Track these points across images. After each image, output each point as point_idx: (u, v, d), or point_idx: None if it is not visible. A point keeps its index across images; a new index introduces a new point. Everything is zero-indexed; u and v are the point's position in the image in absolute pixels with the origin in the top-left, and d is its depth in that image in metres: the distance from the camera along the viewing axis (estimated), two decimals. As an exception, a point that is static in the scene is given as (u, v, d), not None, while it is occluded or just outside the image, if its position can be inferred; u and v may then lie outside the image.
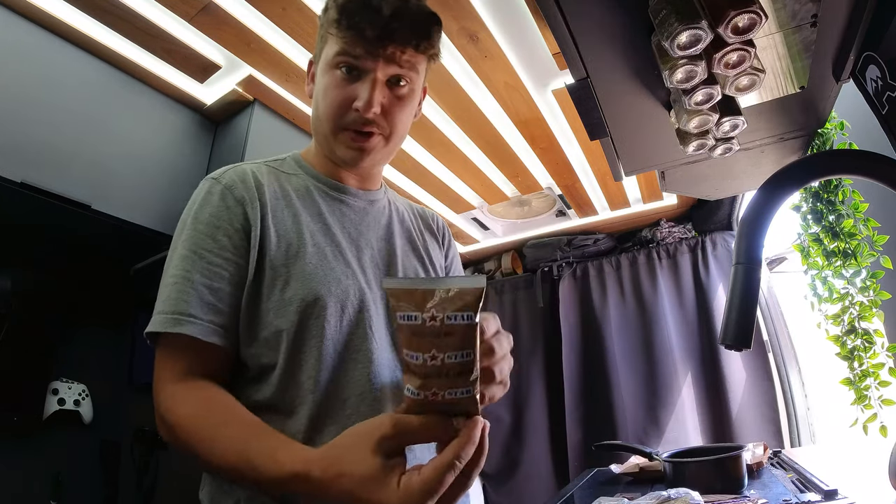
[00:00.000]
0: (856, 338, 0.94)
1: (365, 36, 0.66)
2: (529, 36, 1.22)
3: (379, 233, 0.78)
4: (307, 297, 0.64)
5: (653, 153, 1.05)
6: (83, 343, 1.56)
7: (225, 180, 0.70)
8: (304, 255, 0.67)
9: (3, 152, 1.09)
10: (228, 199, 0.67)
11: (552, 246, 2.52)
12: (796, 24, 0.71)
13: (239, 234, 0.66)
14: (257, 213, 0.67)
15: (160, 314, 0.62)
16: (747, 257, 0.60)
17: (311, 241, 0.69)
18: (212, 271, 0.63)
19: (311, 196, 0.75)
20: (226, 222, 0.66)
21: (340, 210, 0.76)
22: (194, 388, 0.60)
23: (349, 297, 0.67)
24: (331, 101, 0.70)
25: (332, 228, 0.72)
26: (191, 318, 0.60)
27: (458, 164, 1.80)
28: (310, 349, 0.63)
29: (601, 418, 2.22)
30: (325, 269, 0.67)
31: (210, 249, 0.64)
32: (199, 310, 0.61)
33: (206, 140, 1.53)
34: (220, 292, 0.63)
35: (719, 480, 0.88)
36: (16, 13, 1.11)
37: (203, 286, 0.62)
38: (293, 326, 0.63)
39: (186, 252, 0.64)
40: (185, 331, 0.60)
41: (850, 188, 0.99)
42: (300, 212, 0.71)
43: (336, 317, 0.65)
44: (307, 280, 0.65)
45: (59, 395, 1.44)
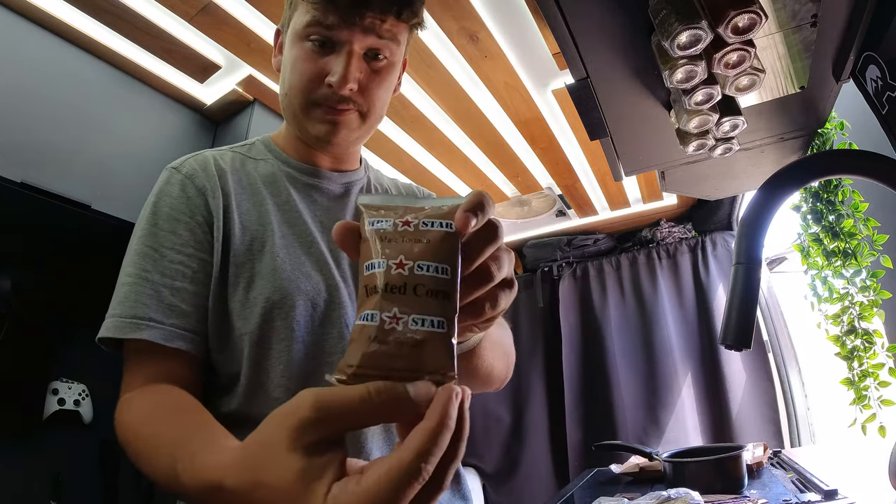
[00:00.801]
0: (856, 338, 0.94)
1: (339, 3, 0.59)
2: (529, 36, 1.22)
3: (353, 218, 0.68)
4: (273, 296, 0.58)
5: (653, 153, 1.05)
6: (83, 343, 1.56)
7: (185, 169, 0.64)
8: (270, 249, 0.61)
9: (3, 152, 1.09)
10: (189, 190, 0.61)
11: (552, 246, 2.52)
12: (796, 24, 0.71)
13: (201, 227, 0.60)
14: (219, 202, 0.61)
15: (116, 318, 0.55)
16: (747, 257, 0.60)
17: (278, 233, 0.62)
18: (173, 269, 0.57)
19: (280, 183, 0.68)
20: (186, 215, 0.60)
21: (311, 197, 0.69)
22: (147, 392, 0.54)
23: (321, 292, 0.61)
24: (301, 75, 0.63)
25: (303, 216, 0.66)
26: (150, 322, 0.55)
27: (458, 164, 1.80)
28: (277, 355, 0.57)
29: (601, 418, 2.22)
30: (293, 264, 0.61)
31: (170, 246, 0.58)
32: (160, 312, 0.55)
33: (206, 140, 1.53)
34: (183, 292, 0.57)
35: (719, 480, 0.88)
36: (16, 13, 1.11)
37: (163, 286, 0.56)
38: (256, 329, 0.57)
39: (144, 248, 0.58)
40: (145, 336, 0.54)
41: (850, 188, 0.99)
42: (266, 200, 0.65)
43: (306, 316, 0.59)
44: (273, 276, 0.59)
45: (59, 395, 1.44)
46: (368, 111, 0.66)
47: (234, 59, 1.28)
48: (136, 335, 0.54)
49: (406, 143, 1.63)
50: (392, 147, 1.64)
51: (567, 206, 2.20)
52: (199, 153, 0.68)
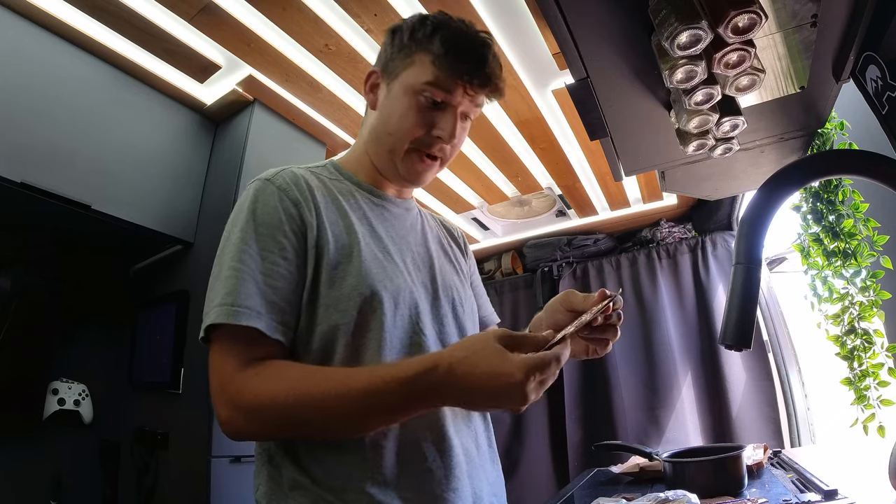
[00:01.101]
0: (856, 338, 0.94)
1: (465, 80, 0.72)
2: (529, 36, 1.22)
3: (416, 238, 0.82)
4: (364, 292, 0.66)
5: (653, 153, 1.05)
6: (83, 343, 1.56)
7: (278, 182, 0.71)
8: (357, 254, 0.69)
9: (3, 152, 1.09)
10: (285, 202, 0.69)
11: (552, 246, 2.52)
12: (796, 24, 0.71)
13: (297, 235, 0.68)
14: (312, 214, 0.70)
15: (223, 306, 0.61)
16: (747, 257, 0.60)
17: (362, 242, 0.71)
18: (273, 271, 0.65)
19: (356, 199, 0.78)
20: (285, 224, 0.68)
21: (382, 214, 0.79)
22: (266, 366, 0.61)
23: (401, 293, 0.70)
24: (412, 124, 0.73)
25: (378, 230, 0.76)
26: (258, 313, 0.62)
27: (458, 164, 1.80)
28: (369, 341, 0.66)
29: (601, 418, 2.22)
30: (377, 267, 0.70)
31: (270, 249, 0.66)
32: (263, 306, 0.62)
33: (206, 140, 1.53)
34: (282, 291, 0.65)
35: (719, 481, 0.87)
36: (16, 13, 1.11)
37: (266, 284, 0.64)
38: (352, 320, 0.66)
39: (248, 249, 0.65)
40: (252, 323, 0.60)
41: (850, 188, 0.99)
42: (348, 213, 0.74)
43: (391, 311, 0.68)
44: (363, 276, 0.68)
45: (59, 395, 1.44)
46: (448, 160, 0.80)
47: (234, 59, 1.28)
48: (247, 322, 0.61)
49: (406, 143, 1.63)
50: (392, 147, 1.64)
51: (567, 206, 2.20)
52: (286, 168, 0.76)
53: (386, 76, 0.78)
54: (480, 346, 0.54)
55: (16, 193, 1.12)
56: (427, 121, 0.73)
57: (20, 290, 1.37)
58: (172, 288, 1.48)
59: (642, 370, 2.21)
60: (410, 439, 0.65)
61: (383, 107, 0.77)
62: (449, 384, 0.53)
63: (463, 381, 0.52)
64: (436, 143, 0.75)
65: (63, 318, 1.49)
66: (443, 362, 0.53)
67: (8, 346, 1.32)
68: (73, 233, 1.39)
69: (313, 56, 1.27)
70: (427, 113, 0.73)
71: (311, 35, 1.20)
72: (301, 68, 1.30)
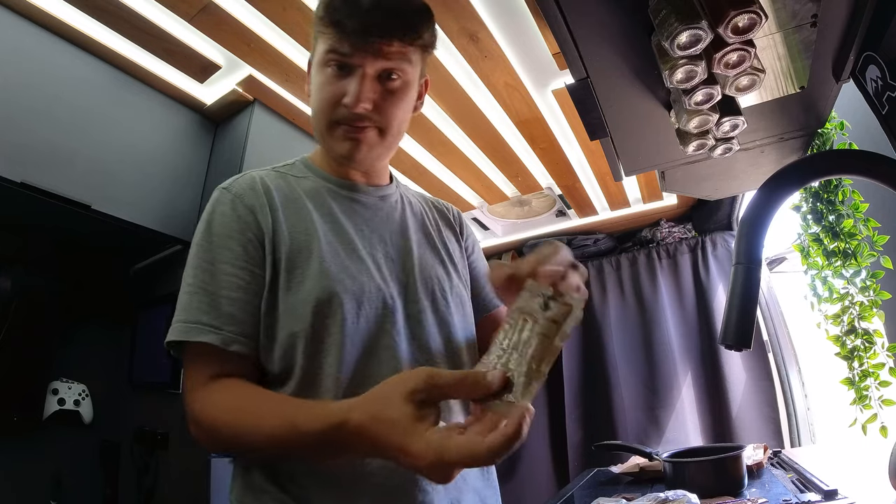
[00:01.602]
0: (856, 338, 0.94)
1: (347, 31, 0.65)
2: (529, 36, 1.22)
3: (392, 228, 0.78)
4: (321, 296, 0.64)
5: (653, 153, 1.05)
6: (83, 343, 1.56)
7: (234, 189, 0.70)
8: (316, 255, 0.67)
9: (3, 152, 1.09)
10: (239, 209, 0.68)
11: (552, 246, 2.52)
12: (796, 24, 0.71)
13: (252, 243, 0.66)
14: (268, 219, 0.68)
15: (179, 323, 0.62)
16: (747, 257, 0.60)
17: (324, 241, 0.69)
18: (228, 281, 0.64)
19: (322, 197, 0.75)
20: (238, 232, 0.66)
21: (352, 208, 0.76)
22: (224, 385, 0.61)
23: (365, 293, 0.67)
24: (323, 98, 0.70)
25: (345, 227, 0.72)
26: (210, 328, 0.61)
27: (458, 164, 1.80)
28: (328, 349, 0.64)
29: (601, 418, 2.22)
30: (338, 267, 0.67)
31: (225, 260, 0.65)
32: (218, 319, 0.62)
33: (206, 140, 1.53)
34: (238, 301, 0.63)
35: (719, 480, 0.88)
36: (16, 13, 1.11)
37: (221, 297, 0.63)
38: (309, 327, 0.63)
39: (202, 263, 0.65)
40: (206, 339, 0.61)
41: (850, 188, 0.99)
42: (311, 213, 0.71)
43: (353, 314, 0.65)
44: (321, 278, 0.65)
45: (59, 395, 1.44)
46: (386, 128, 0.72)
47: (234, 59, 1.28)
48: (199, 338, 0.61)
49: (406, 143, 1.64)
50: (392, 147, 1.64)
51: (567, 206, 2.20)
52: (246, 173, 0.74)
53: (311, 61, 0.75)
54: (387, 403, 0.44)
55: (16, 193, 1.12)
56: (336, 91, 0.68)
57: (20, 290, 1.37)
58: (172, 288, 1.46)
59: (642, 370, 2.21)
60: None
61: (311, 92, 0.75)
62: (361, 445, 0.46)
63: (374, 446, 0.45)
64: (348, 114, 0.69)
65: (63, 318, 1.49)
66: (351, 420, 0.46)
67: (8, 346, 1.32)
68: (73, 233, 1.39)
69: (313, 56, 1.27)
70: (335, 83, 0.69)
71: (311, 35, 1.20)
72: (301, 68, 1.30)
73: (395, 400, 0.44)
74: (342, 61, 0.68)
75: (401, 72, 0.70)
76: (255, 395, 0.60)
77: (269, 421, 0.55)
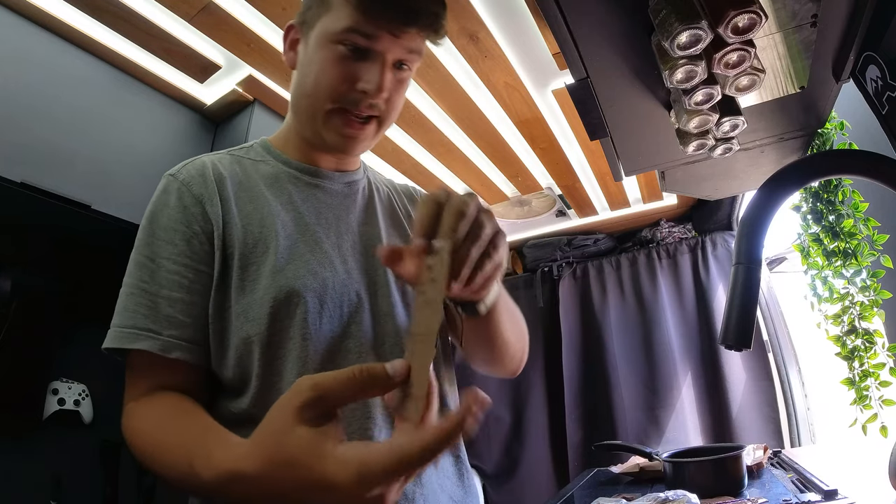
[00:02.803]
0: (856, 338, 0.94)
1: (386, 16, 0.60)
2: (529, 36, 1.22)
3: (359, 216, 0.71)
4: (279, 295, 0.57)
5: (653, 153, 1.05)
6: (83, 343, 1.56)
7: (182, 176, 0.63)
8: (273, 250, 0.60)
9: (3, 152, 1.09)
10: (186, 198, 0.61)
11: (552, 246, 2.52)
12: (796, 24, 0.71)
13: (198, 237, 0.59)
14: (217, 210, 0.61)
15: (116, 328, 0.57)
16: (747, 257, 0.60)
17: (282, 233, 0.62)
18: (170, 280, 0.57)
19: (281, 184, 0.68)
20: (183, 225, 0.59)
21: (315, 196, 0.69)
22: (152, 401, 0.55)
23: (328, 289, 0.60)
24: (332, 78, 0.62)
25: (306, 217, 0.66)
26: (148, 333, 0.55)
27: (458, 164, 1.80)
28: (288, 353, 0.57)
29: (601, 418, 2.22)
30: (297, 262, 0.60)
31: (167, 256, 0.58)
32: (157, 323, 0.55)
33: (206, 140, 1.53)
34: (180, 303, 0.57)
35: (719, 481, 0.87)
36: (16, 13, 1.11)
37: (161, 297, 0.56)
38: (265, 331, 0.57)
39: (142, 259, 0.59)
40: (143, 346, 0.55)
41: (850, 188, 0.99)
42: (269, 202, 0.64)
43: (315, 313, 0.58)
44: (277, 275, 0.58)
45: (59, 395, 1.44)
46: (386, 119, 0.68)
47: (234, 59, 1.28)
48: (135, 346, 0.55)
49: (406, 143, 1.63)
50: (392, 147, 1.64)
51: (567, 206, 2.20)
52: (197, 158, 0.67)
53: (304, 29, 0.66)
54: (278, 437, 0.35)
55: (16, 193, 1.12)
56: (349, 74, 0.62)
57: (20, 290, 1.37)
58: (172, 288, 1.47)
59: (642, 370, 2.21)
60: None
61: (301, 65, 0.66)
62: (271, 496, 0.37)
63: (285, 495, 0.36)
64: (363, 100, 0.63)
65: (63, 318, 1.49)
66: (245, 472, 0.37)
67: (8, 346, 1.32)
68: (73, 233, 1.39)
69: (313, 56, 1.27)
70: (349, 64, 0.62)
71: None
72: (301, 68, 1.31)
73: (285, 429, 0.35)
74: (363, 45, 0.61)
75: (413, 63, 0.67)
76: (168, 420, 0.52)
77: (169, 457, 0.48)
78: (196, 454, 0.44)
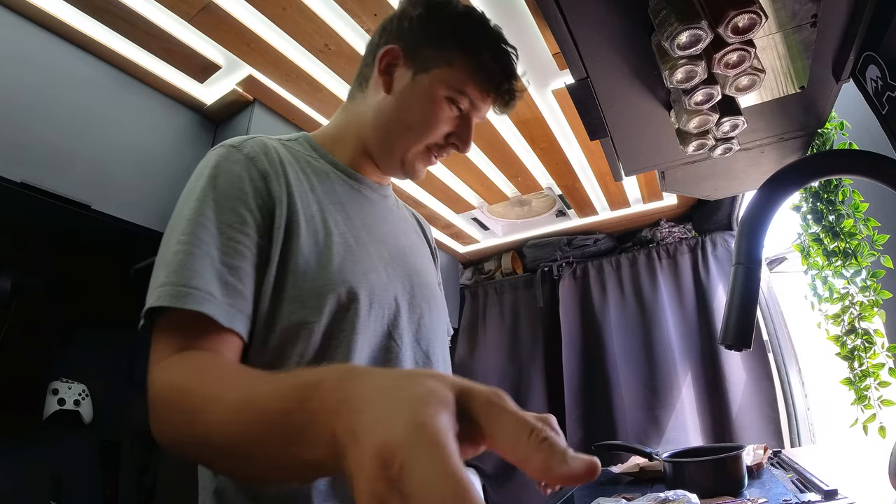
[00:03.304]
0: (856, 338, 0.94)
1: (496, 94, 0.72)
2: (529, 36, 1.22)
3: (392, 228, 0.76)
4: (339, 289, 0.59)
5: (653, 153, 1.05)
6: (83, 343, 1.56)
7: (246, 149, 0.62)
8: (332, 245, 0.61)
9: (3, 152, 1.09)
10: (252, 171, 0.59)
11: (552, 246, 2.52)
12: (796, 24, 0.71)
13: (262, 210, 0.58)
14: (283, 189, 0.60)
15: (171, 285, 0.49)
16: (747, 257, 0.60)
17: (335, 230, 0.64)
18: (233, 248, 0.54)
19: (331, 182, 0.69)
20: (249, 196, 0.57)
21: (359, 201, 0.72)
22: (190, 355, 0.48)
23: (376, 291, 0.63)
24: (434, 125, 0.71)
25: (353, 219, 0.68)
26: (209, 295, 0.49)
27: (458, 164, 1.80)
28: (339, 345, 0.58)
29: (601, 418, 2.22)
30: (352, 262, 0.62)
31: (230, 224, 0.55)
32: (218, 289, 0.51)
33: (206, 140, 1.53)
34: (242, 273, 0.53)
35: (719, 481, 0.87)
36: (15, 13, 1.11)
37: (222, 263, 0.52)
38: (323, 319, 0.57)
39: (201, 219, 0.53)
40: (206, 310, 0.48)
41: (850, 188, 0.99)
42: (322, 198, 0.66)
43: (365, 312, 0.61)
44: (339, 270, 0.60)
45: (59, 395, 1.44)
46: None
47: (234, 59, 1.28)
48: (197, 307, 0.48)
49: (406, 143, 1.64)
50: (392, 147, 1.64)
51: (567, 206, 2.20)
52: (255, 137, 0.66)
53: (412, 62, 0.70)
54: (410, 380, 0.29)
55: (16, 193, 1.12)
56: (446, 123, 0.71)
57: (20, 290, 1.37)
58: (172, 288, 1.47)
59: (642, 370, 2.21)
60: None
61: (404, 97, 0.70)
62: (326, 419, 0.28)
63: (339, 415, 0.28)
64: (449, 149, 0.74)
65: (63, 318, 1.49)
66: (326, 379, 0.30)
67: (8, 346, 1.32)
68: (73, 233, 1.39)
69: (313, 56, 1.27)
70: (447, 114, 0.71)
71: (311, 35, 1.20)
72: (301, 68, 1.30)
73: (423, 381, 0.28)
74: (467, 111, 0.72)
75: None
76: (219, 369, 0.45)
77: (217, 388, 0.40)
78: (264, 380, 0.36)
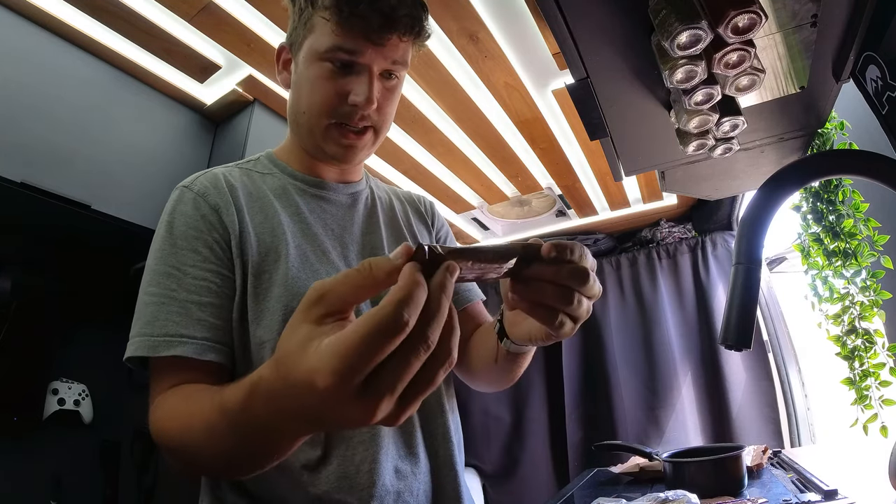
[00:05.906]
0: (856, 338, 0.94)
1: (365, 29, 0.62)
2: (529, 36, 1.22)
3: (362, 226, 0.75)
4: (291, 304, 0.60)
5: (653, 153, 1.05)
6: (83, 343, 1.56)
7: (196, 187, 0.66)
8: (284, 259, 0.63)
9: (3, 152, 1.09)
10: (203, 207, 0.63)
11: (552, 246, 2.52)
12: (796, 24, 0.71)
13: (218, 243, 0.62)
14: (234, 218, 0.64)
15: (146, 337, 0.56)
16: (747, 257, 0.60)
17: (292, 243, 0.65)
18: (197, 285, 0.59)
19: (289, 195, 0.71)
20: (203, 232, 0.62)
21: (321, 207, 0.73)
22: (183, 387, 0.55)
23: None
24: (323, 95, 0.66)
25: (314, 228, 0.69)
26: (182, 339, 0.56)
27: (458, 164, 1.80)
28: None
29: (601, 418, 2.22)
30: (308, 271, 0.64)
31: (192, 263, 0.59)
32: (190, 328, 0.57)
33: (206, 140, 1.53)
34: (210, 307, 0.59)
35: (719, 481, 0.88)
36: (15, 13, 1.11)
37: (190, 302, 0.58)
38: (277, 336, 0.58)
39: (165, 268, 0.59)
40: (178, 352, 0.55)
41: (850, 188, 0.99)
42: (278, 212, 0.67)
43: None
44: (290, 284, 0.61)
45: (59, 395, 1.44)
46: (381, 128, 0.71)
47: (234, 59, 1.28)
48: (170, 352, 0.55)
49: (406, 143, 1.63)
50: (392, 147, 1.64)
51: (567, 206, 2.20)
52: (208, 171, 0.70)
53: (293, 50, 0.70)
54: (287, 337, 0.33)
55: (16, 193, 1.12)
56: (339, 89, 0.65)
57: (20, 290, 1.37)
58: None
59: (642, 370, 2.21)
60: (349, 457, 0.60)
61: (294, 84, 0.70)
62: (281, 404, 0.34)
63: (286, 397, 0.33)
64: (355, 112, 0.66)
65: (63, 318, 1.49)
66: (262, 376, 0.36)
67: (8, 346, 1.32)
68: (73, 233, 1.39)
69: (313, 56, 1.27)
70: (338, 80, 0.65)
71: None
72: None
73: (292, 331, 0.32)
74: (348, 60, 0.64)
75: (399, 71, 0.69)
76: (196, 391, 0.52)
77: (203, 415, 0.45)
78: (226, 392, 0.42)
